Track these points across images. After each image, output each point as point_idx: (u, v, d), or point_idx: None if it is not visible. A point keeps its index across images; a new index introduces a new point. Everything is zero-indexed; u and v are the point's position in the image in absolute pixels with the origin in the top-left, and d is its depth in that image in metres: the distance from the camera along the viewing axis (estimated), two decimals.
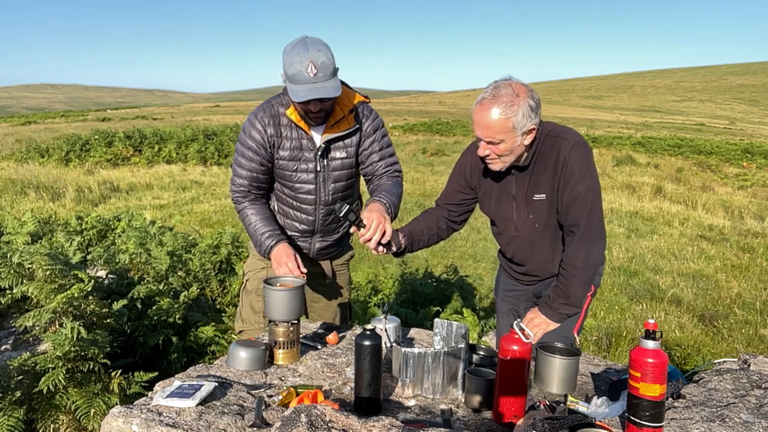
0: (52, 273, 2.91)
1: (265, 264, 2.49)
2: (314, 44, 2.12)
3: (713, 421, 1.60)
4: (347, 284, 2.77)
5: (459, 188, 2.35)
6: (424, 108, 55.50)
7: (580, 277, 2.09)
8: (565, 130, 2.13)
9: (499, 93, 1.95)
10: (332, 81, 2.14)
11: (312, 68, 2.08)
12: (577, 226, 2.07)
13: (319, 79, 2.10)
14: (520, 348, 1.67)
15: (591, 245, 2.08)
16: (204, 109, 47.35)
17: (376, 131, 2.44)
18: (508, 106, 1.93)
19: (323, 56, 2.10)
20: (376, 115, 2.46)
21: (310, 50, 2.09)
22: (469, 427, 1.67)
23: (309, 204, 2.42)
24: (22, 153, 15.35)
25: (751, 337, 4.91)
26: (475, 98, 2.06)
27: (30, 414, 2.54)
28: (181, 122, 26.78)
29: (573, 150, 2.04)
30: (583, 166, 2.05)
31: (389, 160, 2.49)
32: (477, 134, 2.04)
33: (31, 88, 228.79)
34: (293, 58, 2.10)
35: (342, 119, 2.32)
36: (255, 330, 2.49)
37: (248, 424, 1.57)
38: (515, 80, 2.00)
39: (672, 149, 20.67)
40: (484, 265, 6.76)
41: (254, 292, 2.54)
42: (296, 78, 2.11)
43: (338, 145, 2.37)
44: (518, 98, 1.94)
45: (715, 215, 10.21)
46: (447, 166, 14.88)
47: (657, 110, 70.62)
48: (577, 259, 2.07)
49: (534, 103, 1.97)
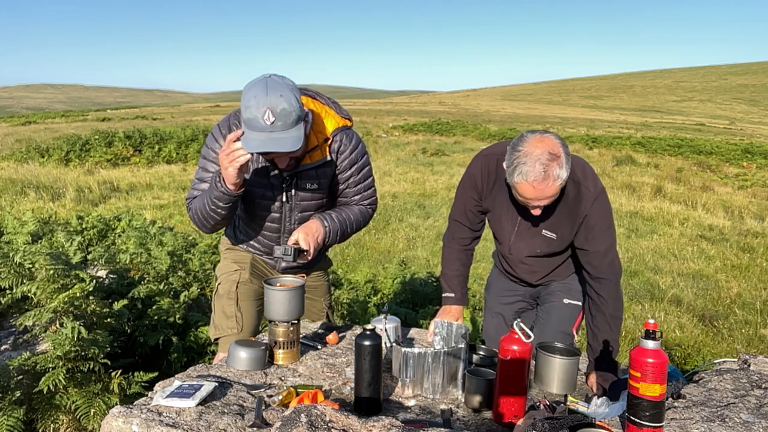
0: (53, 273, 2.91)
1: (239, 266, 2.35)
2: (276, 87, 1.85)
3: (713, 421, 1.60)
4: (325, 295, 2.59)
5: (475, 202, 2.31)
6: (424, 108, 55.49)
7: (621, 324, 2.18)
8: (587, 175, 2.11)
9: (545, 165, 1.86)
10: (293, 131, 1.88)
11: (269, 115, 1.83)
12: (604, 279, 2.11)
13: (276, 128, 1.85)
14: (520, 348, 1.67)
15: (619, 291, 2.14)
16: (204, 109, 47.34)
17: (354, 165, 2.20)
18: (559, 172, 1.88)
19: (284, 102, 1.84)
20: (356, 145, 2.19)
21: (269, 94, 1.84)
22: (469, 427, 1.67)
23: (272, 232, 2.25)
24: (22, 153, 15.35)
25: (751, 337, 4.91)
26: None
27: (30, 414, 2.54)
28: (181, 122, 26.76)
29: (595, 205, 2.08)
30: (605, 223, 2.10)
31: (366, 194, 2.30)
32: (532, 204, 1.99)
33: (31, 88, 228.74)
34: (249, 101, 1.85)
35: (315, 149, 2.09)
36: (229, 336, 2.27)
37: (248, 424, 1.57)
38: (534, 137, 1.91)
39: (672, 149, 20.66)
40: (484, 265, 6.75)
41: (226, 296, 2.34)
42: (251, 124, 1.86)
43: (309, 174, 2.14)
44: (559, 158, 1.88)
45: (715, 215, 10.21)
46: (447, 166, 14.88)
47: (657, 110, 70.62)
48: (617, 310, 2.13)
49: (566, 149, 1.93)
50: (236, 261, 2.39)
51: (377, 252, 7.29)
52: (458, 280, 2.40)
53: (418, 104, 67.40)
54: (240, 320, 2.31)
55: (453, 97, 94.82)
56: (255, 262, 2.40)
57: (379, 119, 33.16)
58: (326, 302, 2.61)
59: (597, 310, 2.12)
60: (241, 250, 2.41)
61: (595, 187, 2.09)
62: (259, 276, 2.35)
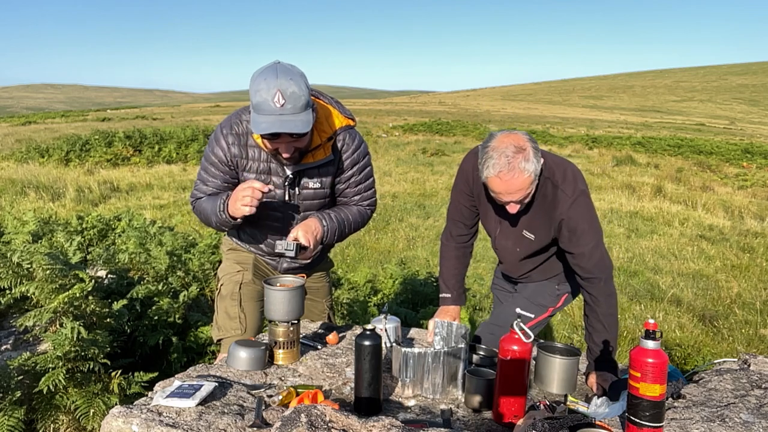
0: (52, 273, 2.91)
1: (241, 267, 2.37)
2: (286, 72, 1.89)
3: (713, 421, 1.60)
4: (327, 296, 2.60)
5: (468, 198, 2.32)
6: (424, 108, 55.50)
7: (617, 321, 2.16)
8: (567, 178, 2.11)
9: (509, 157, 1.89)
10: (302, 115, 1.90)
11: (279, 98, 1.85)
12: (593, 278, 2.10)
13: (286, 111, 1.86)
14: (520, 348, 1.67)
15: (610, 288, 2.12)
16: (204, 109, 47.36)
17: (356, 165, 2.22)
18: (525, 165, 1.90)
19: (294, 86, 1.87)
20: (359, 144, 2.21)
21: (279, 77, 1.87)
22: (469, 427, 1.67)
23: (275, 231, 2.26)
24: (22, 153, 15.34)
25: (751, 337, 4.90)
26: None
27: (30, 414, 2.54)
28: (181, 122, 26.77)
29: (573, 208, 2.07)
30: (585, 224, 2.08)
31: (365, 194, 2.31)
32: (504, 200, 2.00)
33: (31, 88, 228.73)
34: (260, 84, 1.88)
35: (318, 147, 2.11)
36: (232, 337, 2.27)
37: (248, 424, 1.57)
38: (502, 134, 1.97)
39: (672, 149, 20.66)
40: (484, 265, 6.75)
41: (229, 297, 2.35)
42: (260, 108, 1.88)
43: (312, 173, 2.16)
44: (525, 150, 1.91)
45: (715, 215, 10.20)
46: (447, 166, 14.87)
47: (657, 110, 70.62)
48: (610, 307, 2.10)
49: (534, 144, 1.95)
50: (239, 262, 2.39)
51: (377, 252, 7.28)
52: (455, 280, 2.41)
53: (418, 104, 67.41)
54: (244, 321, 2.32)
55: (453, 97, 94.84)
56: (257, 263, 2.40)
57: (379, 119, 33.17)
58: (327, 303, 2.62)
59: (590, 310, 2.12)
60: (243, 251, 2.41)
61: (574, 190, 2.08)
62: (261, 277, 2.35)
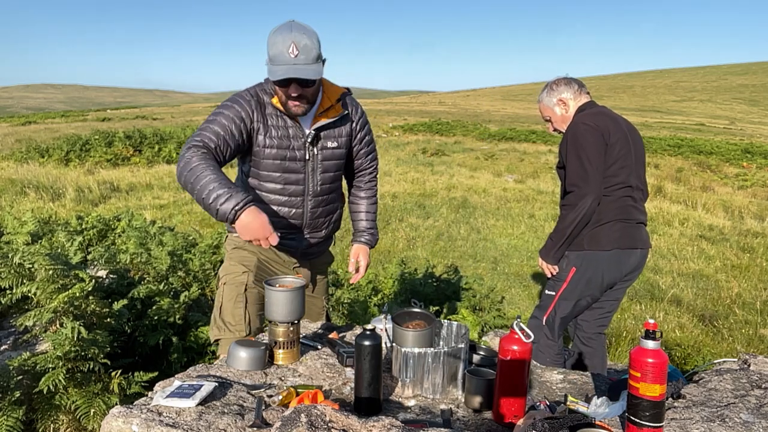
0: (53, 273, 2.91)
1: (246, 268, 2.37)
2: (300, 27, 2.09)
3: (713, 421, 1.60)
4: (324, 293, 2.68)
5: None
6: (424, 108, 55.49)
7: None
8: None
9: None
10: (314, 66, 2.09)
11: (293, 49, 2.05)
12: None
13: (299, 61, 2.06)
14: (520, 348, 1.66)
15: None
16: (204, 109, 47.34)
17: (366, 125, 2.48)
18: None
19: (306, 39, 2.07)
20: (360, 107, 2.46)
21: (294, 32, 2.07)
22: (469, 427, 1.67)
23: (297, 195, 2.33)
24: (22, 153, 15.35)
25: (751, 337, 4.90)
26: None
27: (30, 414, 2.54)
28: (181, 122, 26.78)
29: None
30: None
31: (373, 154, 2.57)
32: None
33: (31, 88, 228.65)
34: (276, 38, 2.07)
35: (330, 108, 2.29)
36: (232, 338, 2.28)
37: (248, 424, 1.57)
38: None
39: (672, 149, 20.66)
40: (484, 265, 6.76)
41: (234, 299, 2.35)
42: (277, 59, 2.07)
43: (330, 134, 2.33)
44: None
45: (715, 215, 10.20)
46: (447, 166, 14.88)
47: (657, 110, 70.56)
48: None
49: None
50: (242, 263, 2.39)
51: (377, 252, 7.28)
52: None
53: (418, 104, 67.38)
54: (248, 323, 2.33)
55: (453, 97, 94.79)
56: (261, 264, 2.41)
57: (379, 119, 33.17)
58: (326, 300, 2.66)
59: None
60: (247, 251, 2.41)
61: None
62: (262, 279, 2.35)
